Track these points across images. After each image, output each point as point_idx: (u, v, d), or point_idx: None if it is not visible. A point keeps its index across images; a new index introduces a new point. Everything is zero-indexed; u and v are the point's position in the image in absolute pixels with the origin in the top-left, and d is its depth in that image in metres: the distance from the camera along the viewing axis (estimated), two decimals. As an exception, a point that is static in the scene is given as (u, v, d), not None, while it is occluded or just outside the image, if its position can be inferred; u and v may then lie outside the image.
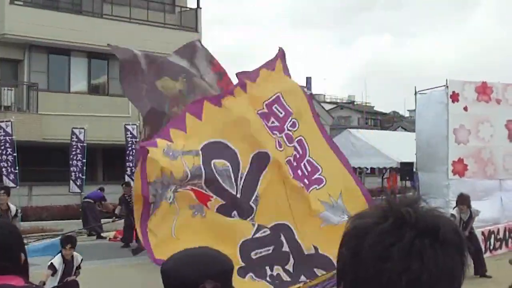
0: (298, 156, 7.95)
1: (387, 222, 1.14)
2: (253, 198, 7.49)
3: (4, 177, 20.27)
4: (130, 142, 23.22)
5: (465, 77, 13.94)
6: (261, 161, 7.59)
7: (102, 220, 19.76)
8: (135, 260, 13.98)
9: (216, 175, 7.24)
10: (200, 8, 29.48)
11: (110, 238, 18.79)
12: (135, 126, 23.19)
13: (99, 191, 20.72)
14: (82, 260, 9.91)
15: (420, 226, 1.13)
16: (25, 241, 12.14)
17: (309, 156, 8.01)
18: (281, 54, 8.58)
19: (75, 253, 9.83)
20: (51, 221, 20.41)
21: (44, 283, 9.39)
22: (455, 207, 12.76)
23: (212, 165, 7.26)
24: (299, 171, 7.88)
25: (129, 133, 23.16)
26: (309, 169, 7.94)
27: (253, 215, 7.45)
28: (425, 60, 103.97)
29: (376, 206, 1.22)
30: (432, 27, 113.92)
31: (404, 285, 1.10)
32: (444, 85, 17.15)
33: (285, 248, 7.33)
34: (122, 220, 17.94)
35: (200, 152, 7.23)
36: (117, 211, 18.63)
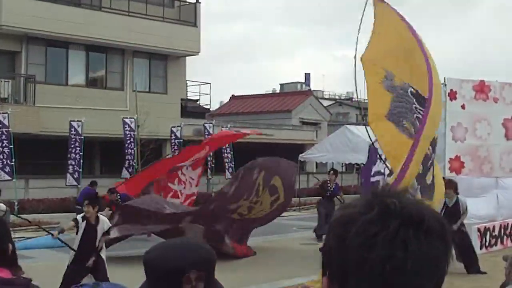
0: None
1: (372, 212, 1.15)
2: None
3: (0, 170, 20.23)
4: (128, 136, 23.24)
5: (463, 76, 14.10)
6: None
7: None
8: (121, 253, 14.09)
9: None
10: (200, 2, 29.51)
11: None
12: (133, 120, 23.22)
13: (90, 187, 20.50)
14: (110, 227, 9.65)
15: (405, 215, 1.14)
16: (20, 235, 12.19)
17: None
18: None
19: (101, 217, 9.55)
20: (47, 214, 20.36)
21: (62, 231, 9.49)
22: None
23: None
24: None
25: (127, 126, 23.16)
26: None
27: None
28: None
29: (362, 196, 1.24)
30: (432, 25, 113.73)
31: (388, 273, 1.11)
32: (442, 83, 17.23)
33: None
34: None
35: None
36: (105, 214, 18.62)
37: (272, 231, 19.26)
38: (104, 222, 9.47)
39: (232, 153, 25.81)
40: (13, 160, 20.18)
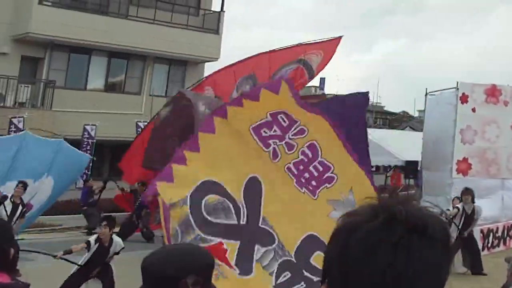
0: (306, 160, 8.55)
1: (377, 220, 1.15)
2: (261, 220, 7.93)
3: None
4: (141, 139, 23.12)
5: (476, 80, 14.24)
6: (254, 185, 8.09)
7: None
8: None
9: (206, 215, 7.56)
10: (224, 11, 29.61)
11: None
12: (146, 123, 23.18)
13: (85, 187, 20.30)
14: (122, 248, 9.43)
15: (409, 223, 1.14)
16: (21, 236, 11.88)
17: (321, 157, 8.59)
18: (291, 84, 9.15)
19: (116, 238, 9.41)
20: (51, 215, 20.12)
21: (69, 252, 9.20)
22: (454, 200, 12.83)
23: (203, 205, 7.60)
24: (306, 174, 8.50)
25: (139, 129, 23.04)
26: (320, 169, 8.55)
27: (276, 238, 7.89)
28: (438, 63, 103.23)
29: (367, 204, 1.22)
30: (448, 31, 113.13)
31: (388, 280, 1.11)
32: (454, 87, 17.35)
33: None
34: None
35: (188, 199, 7.55)
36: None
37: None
38: (117, 244, 9.34)
39: None
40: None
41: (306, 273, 7.72)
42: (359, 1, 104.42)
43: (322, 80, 55.75)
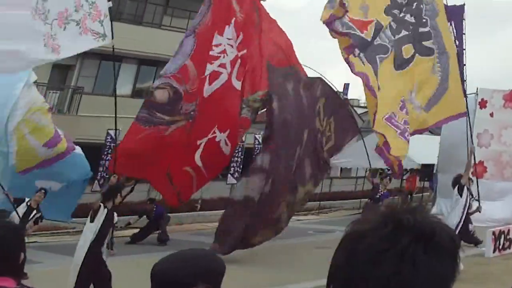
0: None
1: (386, 229, 1.15)
2: None
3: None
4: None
5: (496, 86, 14.59)
6: None
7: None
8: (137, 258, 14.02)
9: None
10: None
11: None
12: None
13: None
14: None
15: (417, 231, 1.14)
16: (35, 239, 11.86)
17: None
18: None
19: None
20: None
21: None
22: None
23: None
24: None
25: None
26: None
27: None
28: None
29: (376, 212, 1.23)
30: (469, 38, 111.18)
31: None
32: (474, 93, 17.54)
33: None
34: None
35: None
36: (132, 221, 18.61)
37: (288, 234, 19.14)
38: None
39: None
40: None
41: None
42: None
43: (346, 86, 55.40)
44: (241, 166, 24.02)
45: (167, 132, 13.15)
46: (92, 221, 9.53)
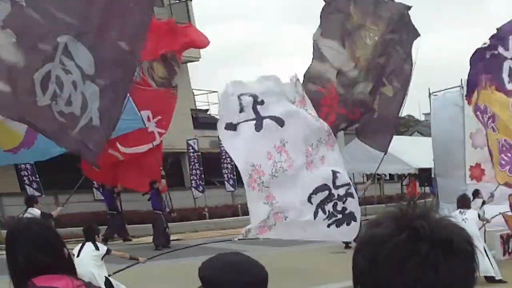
0: None
1: (403, 235, 1.19)
2: None
3: (26, 186, 20.46)
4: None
5: None
6: None
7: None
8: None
9: None
10: (191, 0, 28.05)
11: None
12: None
13: (105, 191, 20.39)
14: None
15: (434, 238, 1.18)
16: None
17: None
18: None
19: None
20: (73, 227, 20.35)
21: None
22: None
23: None
24: None
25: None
26: None
27: None
28: (440, 58, 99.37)
29: (390, 214, 1.27)
30: (447, 23, 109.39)
31: None
32: (459, 85, 16.66)
33: None
34: None
35: None
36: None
37: (303, 240, 19.39)
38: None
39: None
40: (37, 175, 20.40)
41: None
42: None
43: None
44: (234, 173, 24.03)
45: None
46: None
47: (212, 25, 79.50)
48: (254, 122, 7.83)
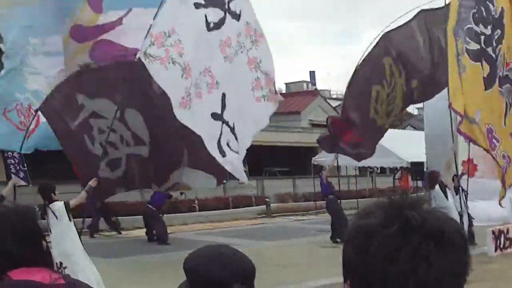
0: None
1: (393, 227, 1.16)
2: None
3: (12, 175, 20.26)
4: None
5: None
6: None
7: None
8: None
9: None
10: None
11: None
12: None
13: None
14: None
15: (426, 230, 1.16)
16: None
17: None
18: None
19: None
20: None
21: None
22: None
23: None
24: None
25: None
26: None
27: None
28: None
29: (380, 204, 1.24)
30: None
31: (411, 286, 1.14)
32: None
33: None
34: None
35: None
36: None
37: (292, 234, 19.47)
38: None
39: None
40: (25, 164, 20.21)
41: None
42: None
43: (312, 74, 52.70)
44: None
45: None
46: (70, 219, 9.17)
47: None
48: None
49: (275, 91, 9.79)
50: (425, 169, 19.76)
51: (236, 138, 9.02)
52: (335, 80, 74.30)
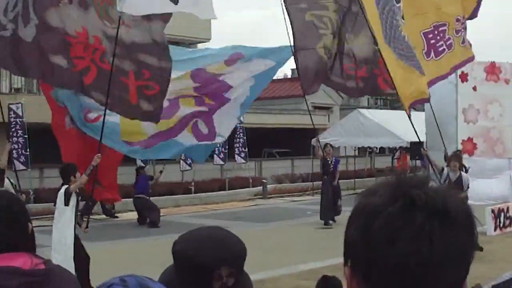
0: None
1: (397, 204, 1.13)
2: None
3: (14, 160, 20.25)
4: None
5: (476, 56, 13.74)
6: None
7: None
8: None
9: None
10: None
11: None
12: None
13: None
14: None
15: (430, 208, 1.12)
16: (37, 223, 11.86)
17: None
18: None
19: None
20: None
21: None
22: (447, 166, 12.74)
23: None
24: None
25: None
26: None
27: None
28: None
29: (385, 182, 1.20)
30: None
31: (412, 268, 1.09)
32: None
33: None
34: None
35: None
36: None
37: (287, 215, 19.44)
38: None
39: (245, 137, 25.45)
40: (28, 149, 20.23)
41: None
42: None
43: None
44: (226, 147, 24.16)
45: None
46: (67, 204, 9.06)
47: (226, 12, 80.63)
48: None
49: None
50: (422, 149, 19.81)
51: None
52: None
